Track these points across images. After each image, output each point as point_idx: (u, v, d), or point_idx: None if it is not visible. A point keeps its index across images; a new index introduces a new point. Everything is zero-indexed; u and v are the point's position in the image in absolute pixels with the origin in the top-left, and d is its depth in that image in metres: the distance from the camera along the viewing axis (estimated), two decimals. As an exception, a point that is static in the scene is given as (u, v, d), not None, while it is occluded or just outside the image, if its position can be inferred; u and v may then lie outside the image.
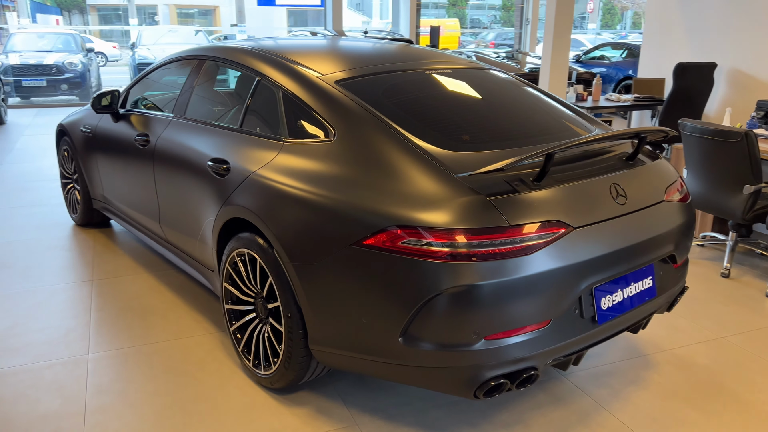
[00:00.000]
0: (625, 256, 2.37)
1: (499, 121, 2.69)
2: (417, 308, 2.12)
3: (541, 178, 2.28)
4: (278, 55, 2.99)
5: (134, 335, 3.27)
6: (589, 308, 2.33)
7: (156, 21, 36.67)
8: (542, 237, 2.16)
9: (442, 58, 3.22)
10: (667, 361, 3.10)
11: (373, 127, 2.45)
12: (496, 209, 2.13)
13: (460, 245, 2.08)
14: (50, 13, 34.09)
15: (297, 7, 25.02)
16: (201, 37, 16.03)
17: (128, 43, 17.15)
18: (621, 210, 2.39)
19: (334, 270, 2.30)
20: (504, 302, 2.10)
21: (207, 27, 33.55)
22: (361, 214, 2.23)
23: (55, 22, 33.91)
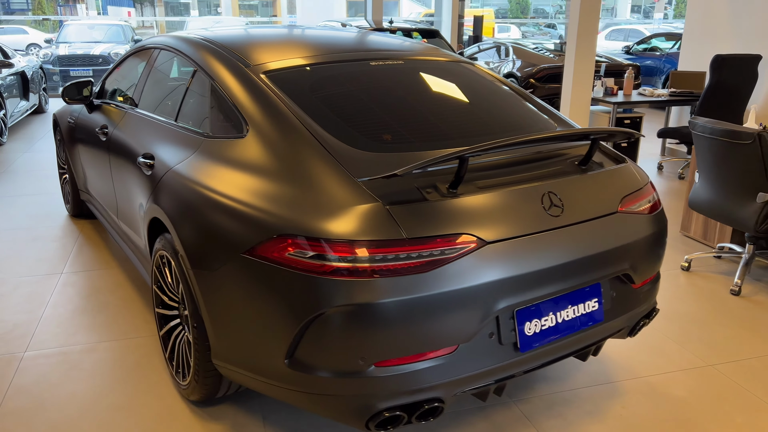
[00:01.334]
0: (557, 275, 2.07)
1: (435, 120, 2.42)
2: (299, 329, 1.90)
3: (457, 184, 2.01)
4: (218, 45, 2.81)
5: (79, 334, 3.17)
6: (509, 334, 2.04)
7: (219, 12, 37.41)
8: (445, 252, 1.89)
9: (402, 50, 2.96)
10: (637, 390, 2.76)
11: (284, 123, 2.24)
12: (393, 219, 1.88)
13: (345, 259, 1.84)
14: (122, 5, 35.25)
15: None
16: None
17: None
18: (554, 222, 2.09)
19: (228, 280, 2.10)
20: (396, 325, 1.85)
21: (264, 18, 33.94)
22: (253, 220, 2.03)
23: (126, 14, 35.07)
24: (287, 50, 2.73)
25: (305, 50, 2.75)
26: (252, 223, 2.02)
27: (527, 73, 8.88)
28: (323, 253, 1.86)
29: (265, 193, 2.06)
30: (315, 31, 3.33)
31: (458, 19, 12.73)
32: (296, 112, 2.27)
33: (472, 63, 3.07)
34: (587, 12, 6.08)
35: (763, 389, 2.78)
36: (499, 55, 9.96)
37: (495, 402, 2.65)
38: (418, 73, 2.74)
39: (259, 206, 2.04)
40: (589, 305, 2.21)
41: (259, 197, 2.06)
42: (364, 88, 2.53)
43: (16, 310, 3.41)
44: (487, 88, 2.81)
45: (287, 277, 1.90)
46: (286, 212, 1.96)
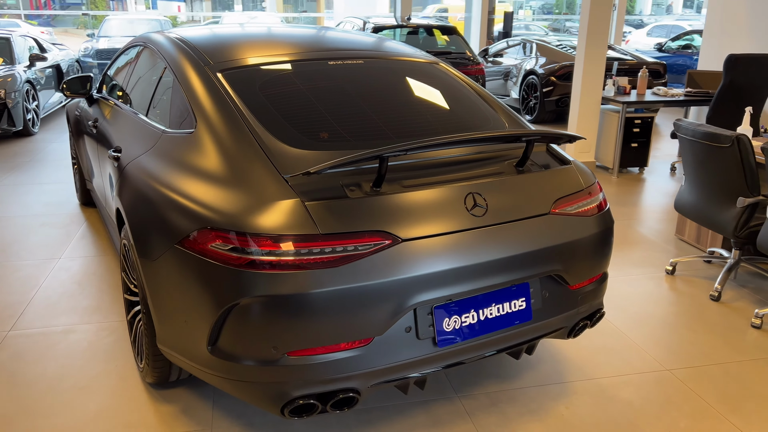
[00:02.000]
0: (478, 273, 2.11)
1: (377, 119, 2.48)
2: (218, 318, 2.00)
3: (380, 183, 2.07)
4: (188, 44, 2.93)
5: (63, 316, 3.36)
6: (427, 329, 2.10)
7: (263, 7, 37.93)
8: (359, 248, 1.96)
9: (367, 49, 3.02)
10: (585, 391, 2.77)
11: (227, 120, 2.34)
12: (309, 215, 1.96)
13: (260, 252, 1.93)
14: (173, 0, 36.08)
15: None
16: (282, 23, 16.34)
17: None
18: (476, 222, 2.13)
19: (165, 269, 2.22)
20: (306, 317, 1.93)
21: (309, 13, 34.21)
22: (186, 212, 2.13)
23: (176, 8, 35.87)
24: (252, 50, 2.83)
25: (268, 50, 2.84)
26: (185, 215, 2.13)
27: (549, 71, 8.79)
28: (240, 246, 1.95)
29: (198, 187, 2.16)
30: (288, 30, 3.42)
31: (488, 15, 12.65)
32: (240, 110, 2.37)
33: (438, 62, 3.11)
34: (598, 7, 5.99)
35: (715, 396, 2.75)
36: (524, 51, 9.88)
37: (439, 396, 2.71)
38: (373, 73, 2.80)
39: (192, 199, 2.14)
40: (515, 304, 2.24)
41: (193, 190, 2.17)
42: (314, 86, 2.61)
43: (9, 292, 3.63)
44: (445, 88, 2.85)
45: (209, 268, 2.00)
46: (211, 205, 2.06)
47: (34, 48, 9.15)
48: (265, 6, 37.47)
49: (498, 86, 10.17)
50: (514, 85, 9.63)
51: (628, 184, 6.09)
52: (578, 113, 6.29)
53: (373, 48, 3.06)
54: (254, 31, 3.30)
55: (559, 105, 8.76)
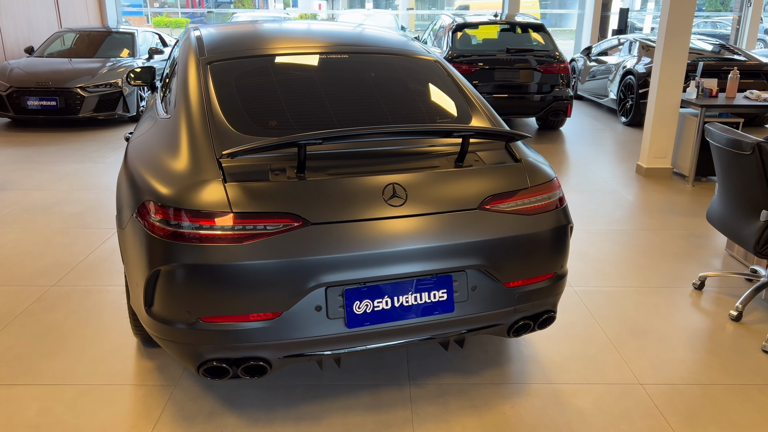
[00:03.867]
0: (392, 260, 2.19)
1: (332, 110, 2.61)
2: (146, 281, 2.25)
3: (302, 169, 2.21)
4: (200, 38, 3.22)
5: (102, 277, 3.81)
6: (337, 309, 2.21)
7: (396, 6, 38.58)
8: (267, 228, 2.12)
9: (360, 43, 3.14)
10: (539, 394, 2.72)
11: (194, 106, 2.58)
12: (225, 194, 2.15)
13: (181, 225, 2.15)
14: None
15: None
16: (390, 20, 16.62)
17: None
18: (392, 212, 2.20)
19: (128, 237, 2.51)
20: (218, 287, 2.13)
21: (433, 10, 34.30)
22: (143, 186, 2.40)
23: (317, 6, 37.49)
24: (245, 44, 3.06)
25: (260, 44, 3.05)
26: (141, 189, 2.40)
27: (648, 71, 8.31)
28: (165, 218, 2.18)
29: (156, 164, 2.43)
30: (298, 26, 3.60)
31: (601, 10, 12.12)
32: (210, 98, 2.60)
33: (437, 60, 3.14)
34: (679, 4, 5.63)
35: (679, 416, 2.59)
36: (629, 51, 9.39)
37: (391, 381, 2.79)
38: (348, 66, 2.92)
39: (148, 174, 2.41)
40: (435, 294, 2.29)
41: (151, 167, 2.43)
42: (284, 78, 2.78)
43: (70, 253, 4.16)
44: (421, 84, 2.90)
45: (144, 237, 2.25)
46: (158, 181, 2.31)
47: (158, 44, 10.12)
48: (398, 4, 38.12)
49: (598, 86, 9.75)
50: (611, 84, 9.19)
51: (702, 193, 5.67)
52: (653, 116, 5.95)
53: (366, 43, 3.17)
54: (266, 27, 3.54)
55: (656, 108, 8.25)
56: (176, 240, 2.14)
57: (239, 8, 37.97)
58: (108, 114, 8.24)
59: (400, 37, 3.46)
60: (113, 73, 8.34)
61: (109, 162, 6.55)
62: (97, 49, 9.17)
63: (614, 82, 9.13)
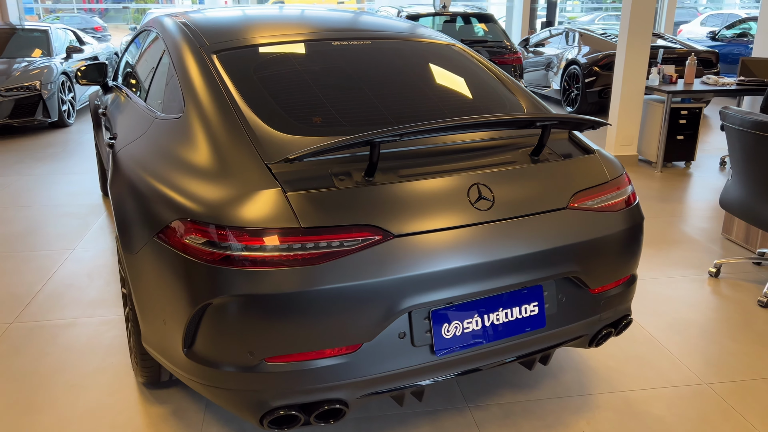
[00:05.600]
0: (482, 274, 1.89)
1: (378, 103, 2.27)
2: (190, 319, 1.83)
3: (372, 172, 1.86)
4: (189, 26, 2.77)
5: (66, 308, 3.27)
6: (423, 335, 1.88)
7: None
8: (344, 244, 1.76)
9: (376, 30, 2.81)
10: (610, 405, 2.50)
11: (214, 103, 2.16)
12: (290, 207, 1.77)
13: (235, 248, 1.75)
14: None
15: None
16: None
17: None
18: (481, 217, 1.90)
19: (146, 263, 2.07)
20: (285, 320, 1.74)
21: (352, 6, 33.93)
22: (166, 201, 1.97)
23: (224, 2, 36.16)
24: (252, 31, 2.65)
25: (269, 30, 2.66)
26: (163, 205, 1.97)
27: (592, 60, 8.39)
28: (215, 240, 1.78)
29: (180, 175, 2.00)
30: (298, 11, 3.23)
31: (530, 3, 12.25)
32: (230, 93, 2.19)
33: (454, 44, 2.88)
34: (642, -7, 5.62)
35: (757, 414, 2.45)
36: (567, 41, 9.48)
37: (447, 405, 2.49)
38: (379, 55, 2.59)
39: (172, 187, 1.98)
40: (526, 309, 2.01)
41: (174, 178, 2.00)
42: (313, 68, 2.41)
43: (19, 282, 3.56)
44: (458, 70, 2.62)
45: (183, 263, 1.83)
46: (190, 194, 1.89)
47: (73, 41, 9.24)
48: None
49: (539, 77, 9.80)
50: (555, 76, 9.25)
51: (673, 179, 5.71)
52: (619, 104, 5.93)
53: (382, 28, 2.84)
54: (262, 12, 3.13)
55: (602, 96, 8.36)
56: (232, 265, 1.74)
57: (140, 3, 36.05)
58: (25, 120, 7.39)
59: (404, 21, 3.15)
60: (28, 75, 7.49)
61: (39, 174, 5.82)
62: (3, 48, 8.23)
63: (558, 73, 9.18)
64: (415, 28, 2.97)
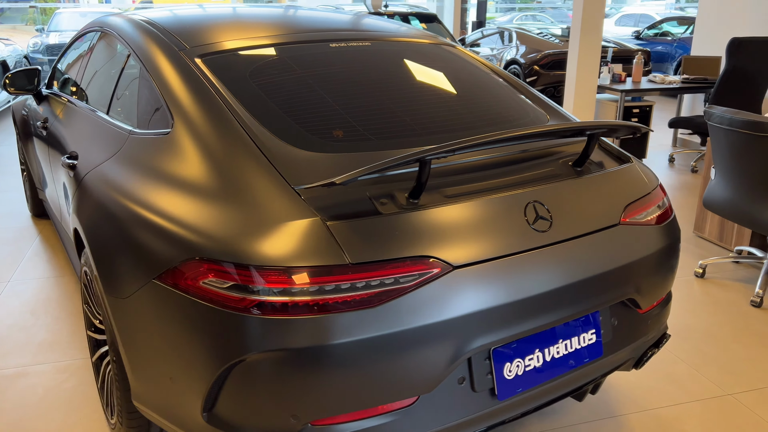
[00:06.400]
0: (545, 304, 1.67)
1: (400, 113, 2.01)
2: (216, 378, 1.52)
3: (419, 193, 1.61)
4: (156, 26, 2.41)
5: (12, 354, 2.81)
6: (484, 378, 1.65)
7: None
8: (400, 281, 1.49)
9: (372, 30, 2.55)
10: (644, 425, 2.36)
11: (212, 115, 1.84)
12: (334, 239, 1.49)
13: (275, 291, 1.45)
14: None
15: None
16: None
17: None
18: (540, 239, 1.68)
19: (141, 310, 1.72)
20: (336, 375, 1.46)
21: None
22: (167, 237, 1.64)
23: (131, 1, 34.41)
24: (235, 31, 2.33)
25: (257, 31, 2.35)
26: (165, 242, 1.63)
27: (531, 60, 8.42)
28: (243, 284, 1.47)
29: (181, 204, 1.67)
30: (276, 10, 2.92)
31: (461, 3, 12.26)
32: (229, 103, 1.88)
33: (453, 45, 2.66)
34: (593, -8, 5.62)
35: (793, 426, 2.38)
36: (502, 41, 9.50)
37: (477, 442, 2.26)
38: (386, 57, 2.33)
39: (173, 220, 1.65)
40: (584, 338, 1.81)
41: (174, 208, 1.67)
42: (317, 73, 2.13)
43: (-54, 327, 3.06)
44: (469, 74, 2.40)
45: (201, 312, 1.51)
46: (200, 228, 1.57)
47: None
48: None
49: (476, 77, 9.77)
50: (495, 76, 9.23)
51: (629, 177, 5.74)
52: (573, 103, 5.92)
53: (376, 29, 2.59)
54: (237, 10, 2.80)
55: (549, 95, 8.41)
56: (270, 314, 1.44)
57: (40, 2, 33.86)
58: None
59: (394, 22, 2.90)
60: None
61: (-49, 194, 5.16)
62: None
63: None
64: (403, 27, 2.73)
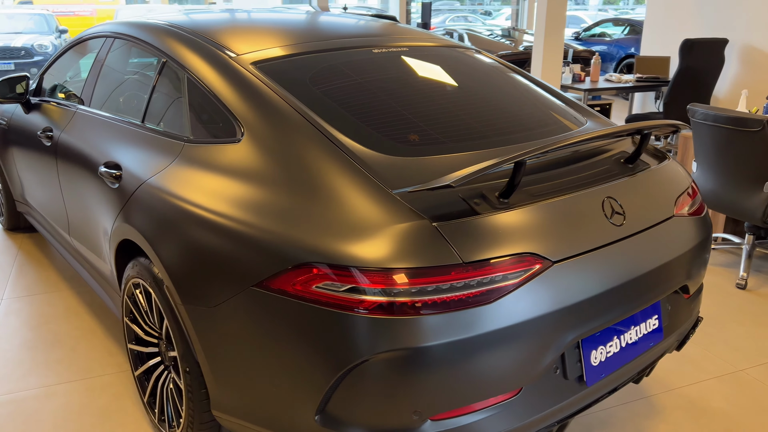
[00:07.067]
0: (625, 294, 1.79)
1: (461, 115, 2.09)
2: (336, 379, 1.55)
3: (509, 193, 1.69)
4: (188, 31, 2.39)
5: (32, 375, 2.70)
6: (574, 366, 1.75)
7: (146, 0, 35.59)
8: (508, 277, 1.57)
9: (399, 34, 2.61)
10: (675, 404, 2.53)
11: (290, 123, 1.86)
12: (445, 240, 1.54)
13: (396, 292, 1.49)
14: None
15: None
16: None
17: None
18: (618, 233, 1.80)
19: (233, 318, 1.72)
20: (457, 370, 1.53)
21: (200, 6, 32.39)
22: (265, 244, 1.65)
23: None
24: (271, 37, 2.34)
25: (291, 37, 2.37)
26: (263, 250, 1.64)
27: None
28: (360, 285, 1.51)
29: (276, 212, 1.68)
30: (293, 15, 2.93)
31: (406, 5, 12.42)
32: (302, 110, 1.90)
33: (478, 50, 2.76)
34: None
35: (803, 395, 2.60)
36: (452, 42, 9.71)
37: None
38: (428, 62, 2.40)
39: (270, 228, 1.66)
40: (650, 324, 1.94)
41: (269, 216, 1.68)
42: (371, 79, 2.17)
43: (-50, 350, 2.90)
44: (502, 77, 2.50)
45: (316, 316, 1.54)
46: (307, 235, 1.60)
47: None
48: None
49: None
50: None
51: (594, 172, 6.02)
52: (539, 102, 6.14)
53: (409, 35, 2.65)
54: (252, 17, 2.79)
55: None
56: (391, 314, 1.48)
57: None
58: None
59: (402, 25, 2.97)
60: None
61: None
62: None
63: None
64: (420, 32, 2.81)
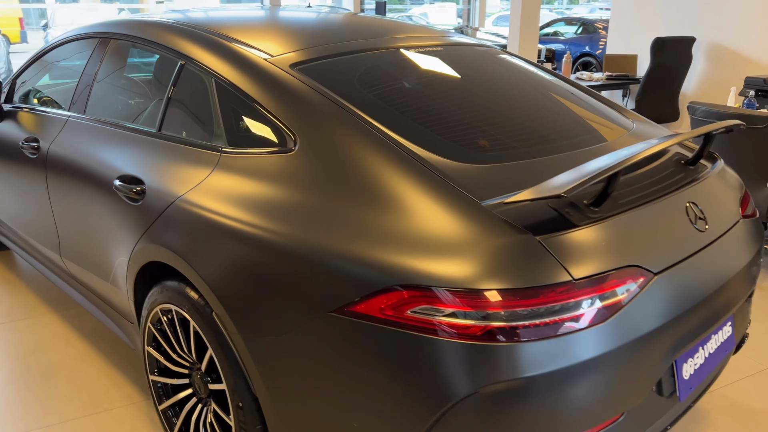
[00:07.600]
0: (714, 303, 1.72)
1: (522, 119, 1.98)
2: (437, 417, 1.40)
3: (601, 202, 1.58)
4: (208, 30, 2.18)
5: (31, 413, 2.43)
6: (669, 381, 1.66)
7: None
8: (617, 293, 1.46)
9: (421, 33, 2.47)
10: (716, 407, 2.49)
11: (353, 130, 1.70)
12: (552, 256, 1.42)
13: (503, 316, 1.36)
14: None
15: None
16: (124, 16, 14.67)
17: (40, 24, 15.57)
18: (704, 239, 1.72)
19: (305, 348, 1.55)
20: (573, 397, 1.41)
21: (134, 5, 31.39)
22: (343, 265, 1.49)
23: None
24: (298, 37, 2.17)
25: (319, 37, 2.20)
26: (341, 271, 1.48)
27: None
28: (464, 310, 1.37)
29: (350, 230, 1.52)
30: (302, 13, 2.75)
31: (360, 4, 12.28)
32: (362, 117, 1.74)
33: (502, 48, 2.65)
34: (530, -6, 5.85)
35: (836, 391, 2.62)
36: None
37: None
38: (469, 62, 2.28)
39: (346, 247, 1.50)
40: (725, 331, 1.88)
41: (341, 234, 1.52)
42: (420, 81, 2.04)
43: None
44: (542, 78, 2.41)
45: (411, 344, 1.39)
46: (392, 255, 1.44)
47: None
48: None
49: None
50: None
51: (571, 170, 6.05)
52: (515, 101, 6.13)
53: (429, 33, 2.52)
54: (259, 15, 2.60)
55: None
56: (499, 341, 1.35)
57: None
58: None
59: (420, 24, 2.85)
60: None
61: None
62: None
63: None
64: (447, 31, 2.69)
